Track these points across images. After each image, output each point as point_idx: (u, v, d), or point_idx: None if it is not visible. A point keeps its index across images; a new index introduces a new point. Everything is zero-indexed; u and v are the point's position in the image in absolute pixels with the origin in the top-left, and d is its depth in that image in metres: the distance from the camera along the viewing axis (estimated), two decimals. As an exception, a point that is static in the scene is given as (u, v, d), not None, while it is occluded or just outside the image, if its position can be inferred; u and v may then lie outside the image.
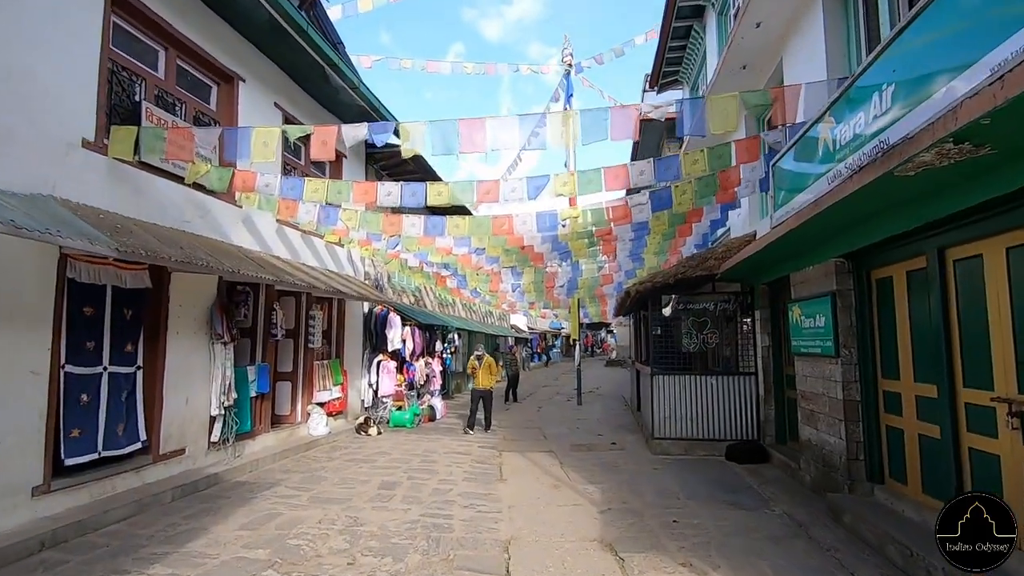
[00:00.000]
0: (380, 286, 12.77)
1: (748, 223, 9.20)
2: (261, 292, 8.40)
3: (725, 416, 8.70)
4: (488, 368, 11.00)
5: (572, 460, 8.59)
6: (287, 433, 8.90)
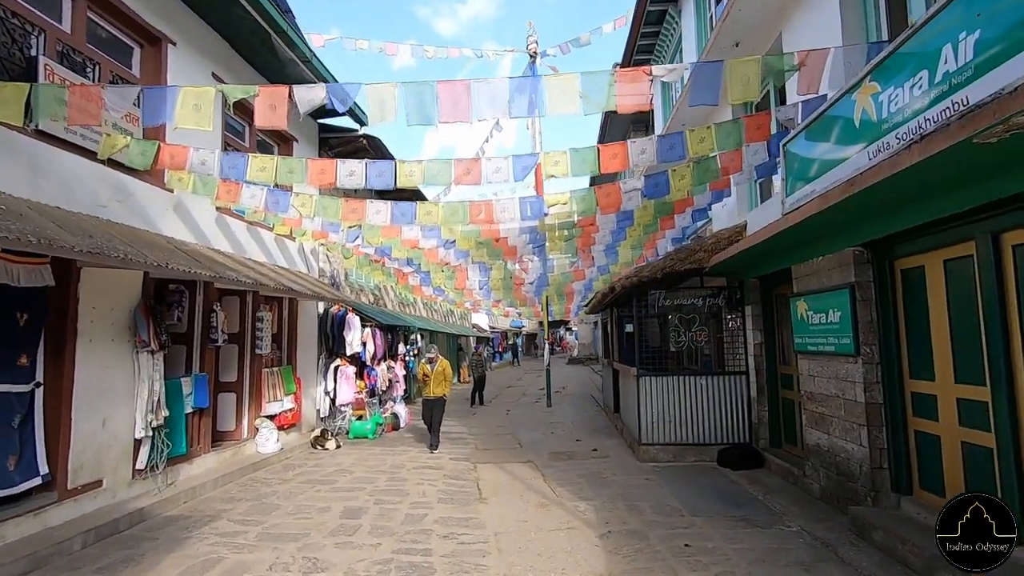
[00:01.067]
0: (337, 284, 11.68)
1: (736, 214, 8.71)
2: (199, 291, 7.26)
3: (715, 419, 8.18)
4: (442, 374, 9.51)
5: (555, 471, 7.86)
6: (231, 452, 7.78)
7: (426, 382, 9.55)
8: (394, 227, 7.72)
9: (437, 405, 9.52)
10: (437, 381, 9.45)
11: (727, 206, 9.14)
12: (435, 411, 9.48)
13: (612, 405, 11.97)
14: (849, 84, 4.27)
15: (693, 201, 7.92)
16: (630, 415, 9.20)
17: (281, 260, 9.63)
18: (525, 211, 6.29)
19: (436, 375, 9.44)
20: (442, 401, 9.59)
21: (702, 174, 6.22)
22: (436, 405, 9.51)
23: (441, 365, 9.55)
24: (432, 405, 9.51)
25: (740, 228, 8.19)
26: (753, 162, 6.19)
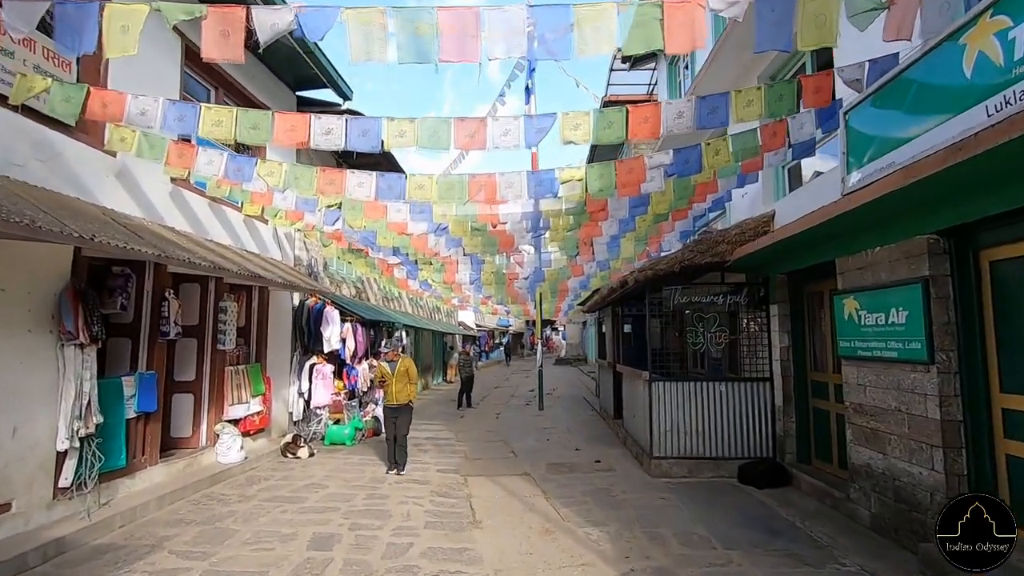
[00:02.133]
0: (314, 274, 10.64)
1: (759, 204, 7.88)
2: (148, 276, 6.21)
3: (734, 430, 7.33)
4: (405, 375, 7.57)
5: (555, 487, 6.96)
6: (185, 463, 6.73)
7: (385, 386, 7.59)
8: (379, 205, 6.74)
9: (402, 415, 7.57)
10: (399, 384, 7.53)
11: (748, 195, 8.31)
12: (400, 423, 7.55)
13: (612, 410, 11.11)
14: (956, 25, 3.42)
15: (717, 186, 7.06)
16: (638, 424, 8.34)
17: (251, 245, 8.58)
18: (535, 187, 5.35)
19: (398, 376, 7.53)
20: (408, 410, 7.64)
21: (741, 148, 5.35)
22: (401, 415, 7.56)
23: (404, 364, 7.61)
24: (395, 415, 7.57)
25: (767, 218, 7.36)
26: (798, 137, 5.34)
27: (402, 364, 7.63)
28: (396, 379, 7.52)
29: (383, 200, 5.55)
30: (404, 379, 7.59)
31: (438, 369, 23.19)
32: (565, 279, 13.42)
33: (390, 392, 7.57)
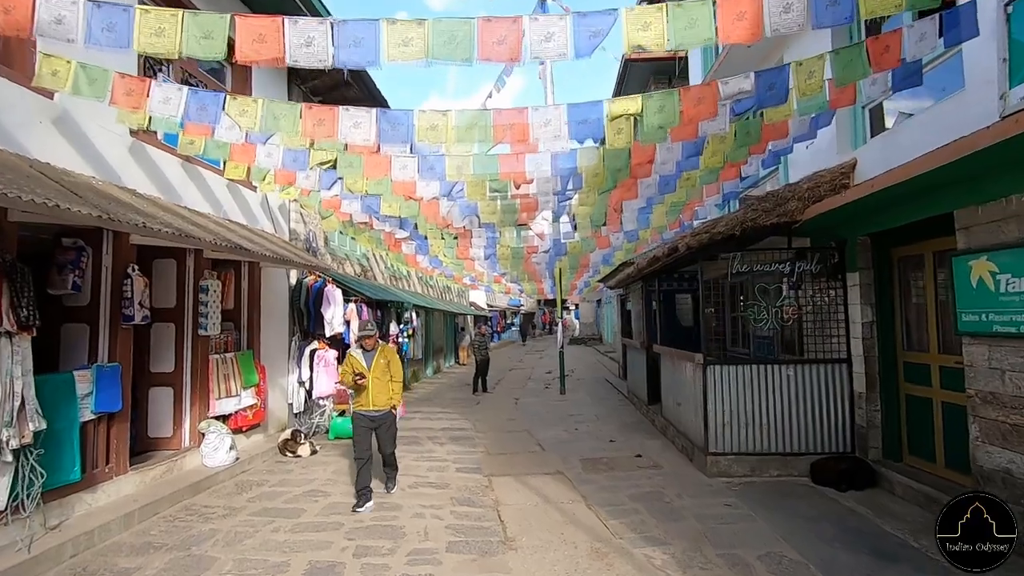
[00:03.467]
0: (313, 249, 9.56)
1: (833, 152, 6.64)
2: (106, 249, 5.14)
3: (803, 421, 6.23)
4: (386, 368, 5.64)
5: (596, 490, 5.93)
6: (163, 469, 5.74)
7: (359, 384, 5.48)
8: (381, 160, 5.60)
9: (384, 426, 5.64)
10: (379, 383, 5.55)
11: (813, 147, 7.06)
12: (383, 437, 5.66)
13: (645, 396, 10.03)
14: None
15: (788, 128, 5.84)
16: (684, 413, 7.26)
17: (237, 215, 7.49)
18: (576, 123, 4.17)
19: (377, 371, 5.53)
20: (391, 419, 5.71)
21: (844, 68, 4.14)
22: (382, 426, 5.63)
23: (385, 355, 5.65)
24: (374, 426, 5.59)
25: (845, 168, 6.15)
26: (915, 53, 4.12)
27: (382, 354, 5.63)
28: (374, 375, 5.52)
29: (386, 145, 4.42)
30: (385, 375, 5.61)
31: (450, 351, 22.23)
32: (589, 252, 12.25)
33: (366, 395, 5.51)
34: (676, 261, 7.19)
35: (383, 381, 5.62)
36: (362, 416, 5.60)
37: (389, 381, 5.68)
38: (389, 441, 5.76)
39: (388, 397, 5.66)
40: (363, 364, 5.53)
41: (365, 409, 5.57)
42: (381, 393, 5.60)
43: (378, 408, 5.59)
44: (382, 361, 5.63)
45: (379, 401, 5.58)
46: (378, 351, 5.66)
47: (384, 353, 5.69)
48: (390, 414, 5.72)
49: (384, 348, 5.76)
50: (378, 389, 5.57)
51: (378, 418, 5.63)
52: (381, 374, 5.61)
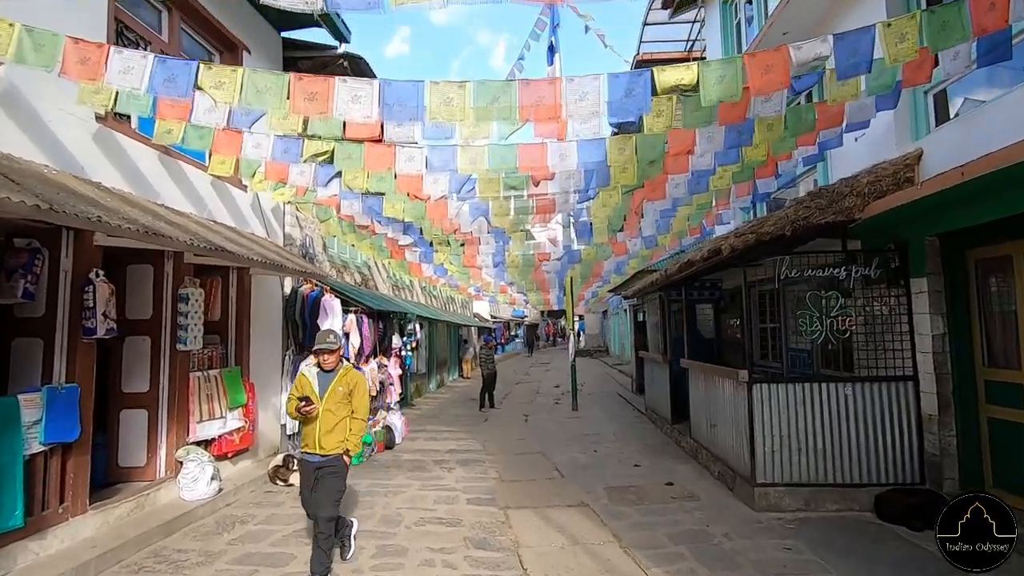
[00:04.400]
0: (310, 255, 8.85)
1: (891, 144, 5.93)
2: (65, 251, 4.42)
3: (863, 447, 5.47)
4: (347, 398, 4.15)
5: (629, 527, 5.18)
6: (131, 506, 4.98)
7: (308, 415, 4.00)
8: (385, 151, 4.91)
9: (328, 477, 4.07)
10: (331, 416, 4.05)
11: (863, 140, 6.37)
12: (323, 493, 4.04)
13: (669, 413, 9.26)
14: None
15: (843, 115, 5.15)
16: (721, 436, 6.49)
17: (225, 218, 6.79)
18: (618, 102, 3.47)
19: (332, 398, 4.05)
20: (340, 468, 4.11)
21: (934, 30, 3.44)
22: (326, 477, 4.07)
23: (347, 378, 4.15)
24: (317, 474, 4.08)
25: (908, 160, 5.44)
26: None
27: (344, 379, 4.11)
28: (327, 406, 4.01)
29: (391, 124, 3.73)
30: (343, 408, 4.09)
31: (454, 364, 21.47)
32: (604, 259, 11.54)
33: (312, 431, 4.04)
34: (712, 267, 6.45)
35: (338, 415, 4.05)
36: (304, 462, 4.18)
37: (347, 417, 4.13)
38: (328, 500, 3.99)
39: (341, 439, 4.08)
40: (314, 387, 4.04)
41: (308, 452, 4.10)
42: (332, 432, 4.03)
43: (324, 451, 4.03)
44: (341, 388, 4.08)
45: (328, 443, 4.02)
46: (339, 374, 4.11)
47: (347, 378, 4.13)
48: (339, 462, 4.08)
49: (348, 371, 4.19)
50: (329, 426, 4.02)
51: (324, 465, 4.05)
52: (337, 405, 4.04)
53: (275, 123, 4.20)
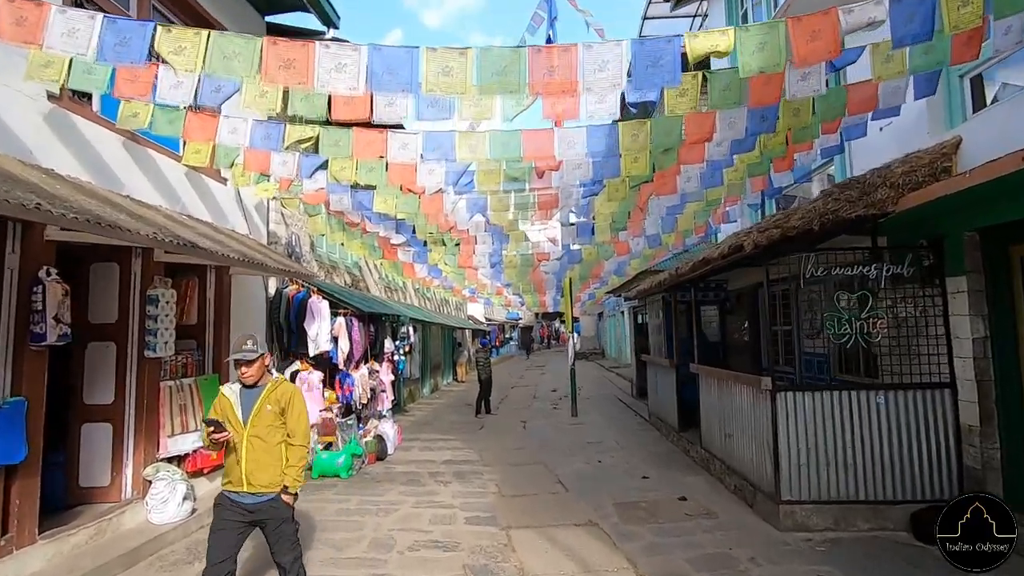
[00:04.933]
0: (296, 255, 8.33)
1: (923, 132, 5.52)
2: (11, 246, 3.90)
3: (898, 460, 5.04)
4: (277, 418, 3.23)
5: (643, 549, 4.73)
6: (90, 533, 4.45)
7: (216, 443, 3.13)
8: (375, 137, 4.43)
9: (270, 523, 3.22)
10: (261, 444, 3.18)
11: (890, 128, 5.96)
12: (271, 539, 3.27)
13: (676, 421, 8.81)
14: None
15: (875, 101, 4.72)
16: (743, 449, 6.03)
17: (203, 213, 6.27)
18: (642, 71, 3.01)
19: (261, 421, 3.19)
20: (280, 512, 3.21)
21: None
22: (267, 523, 3.22)
23: (279, 396, 3.27)
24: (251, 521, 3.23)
25: (945, 148, 5.02)
26: None
27: (273, 395, 3.25)
28: (253, 432, 3.16)
29: (381, 100, 3.25)
30: (275, 434, 3.22)
31: (447, 368, 20.95)
32: (605, 259, 11.09)
33: (235, 463, 3.18)
34: (729, 265, 5.99)
35: (269, 442, 3.18)
36: (229, 501, 3.18)
37: (282, 443, 3.24)
38: (285, 546, 3.24)
39: (277, 472, 3.20)
40: (235, 409, 3.19)
41: (234, 491, 3.17)
42: (264, 464, 3.16)
43: (257, 491, 3.14)
44: (270, 407, 3.21)
45: (259, 478, 3.14)
46: (266, 389, 3.24)
47: (276, 393, 3.26)
48: (278, 505, 3.18)
49: (278, 385, 3.32)
50: (259, 457, 3.14)
51: (257, 508, 3.16)
52: (268, 430, 3.18)
53: (250, 101, 3.71)
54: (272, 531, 3.24)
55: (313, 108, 3.69)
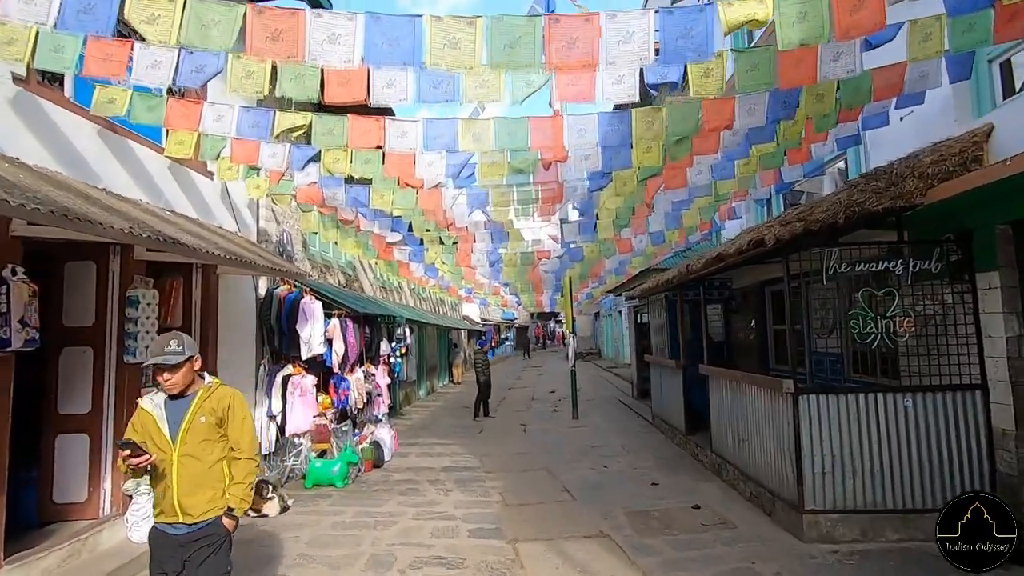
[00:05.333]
0: (288, 254, 7.98)
1: (950, 120, 5.26)
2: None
3: (927, 466, 4.76)
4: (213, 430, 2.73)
5: (661, 565, 4.45)
6: (63, 555, 4.10)
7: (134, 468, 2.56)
8: (371, 125, 4.11)
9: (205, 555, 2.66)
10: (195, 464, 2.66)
11: (909, 118, 5.70)
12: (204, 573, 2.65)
13: (683, 424, 8.52)
14: None
15: (902, 85, 4.45)
16: (760, 454, 5.75)
17: (187, 209, 5.92)
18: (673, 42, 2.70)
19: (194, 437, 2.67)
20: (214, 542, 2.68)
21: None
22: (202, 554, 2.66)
23: (213, 404, 2.73)
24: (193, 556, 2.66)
25: (976, 136, 4.76)
26: None
27: (205, 402, 2.73)
28: (183, 450, 2.66)
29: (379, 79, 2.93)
30: (215, 445, 2.74)
31: (444, 369, 20.62)
32: (607, 257, 10.81)
33: (166, 489, 2.68)
34: (744, 261, 5.70)
35: (205, 461, 2.67)
36: (163, 537, 2.71)
37: (223, 460, 2.74)
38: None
39: (218, 495, 2.70)
40: (160, 425, 2.67)
41: (168, 522, 2.68)
42: (201, 488, 2.65)
43: (192, 520, 2.64)
44: (205, 419, 2.68)
45: (194, 504, 2.64)
46: (197, 397, 2.71)
47: (210, 401, 2.73)
48: (216, 531, 2.68)
49: (213, 390, 2.78)
50: (194, 479, 2.65)
51: (190, 539, 2.65)
52: (202, 446, 2.67)
53: (235, 83, 3.38)
54: (195, 566, 2.59)
55: (304, 90, 3.36)
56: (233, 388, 2.95)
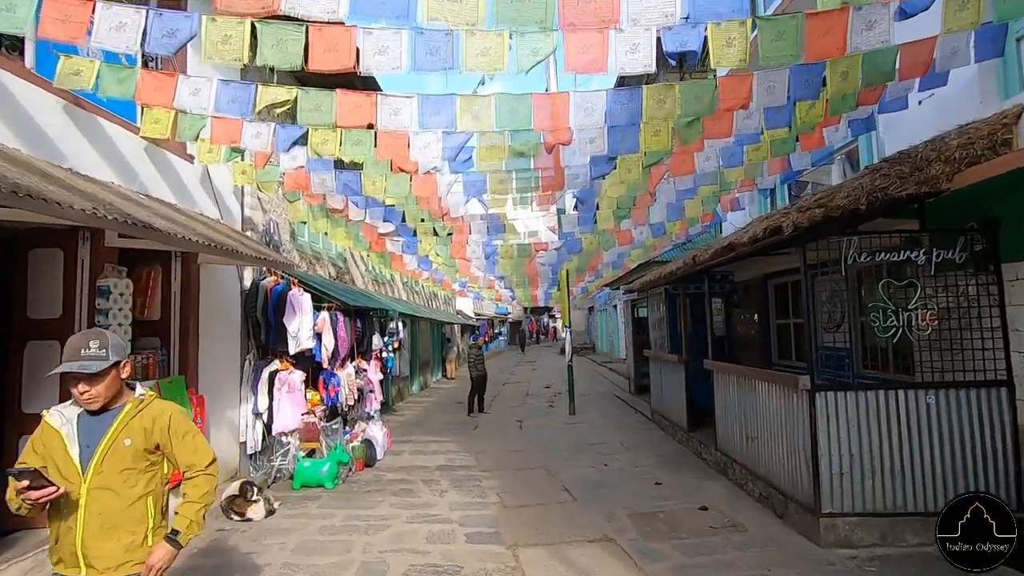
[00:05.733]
0: (275, 243, 7.62)
1: (975, 102, 5.00)
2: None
3: (951, 467, 4.52)
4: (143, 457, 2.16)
5: (672, 572, 4.19)
6: (25, 567, 3.78)
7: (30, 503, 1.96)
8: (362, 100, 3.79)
9: None
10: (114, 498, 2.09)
11: (928, 101, 5.44)
12: None
13: (685, 421, 8.27)
14: None
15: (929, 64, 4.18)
16: (772, 454, 5.49)
17: (165, 193, 5.56)
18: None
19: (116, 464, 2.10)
20: None
21: None
22: None
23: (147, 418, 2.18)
24: None
25: (1005, 118, 4.49)
26: None
27: (137, 419, 2.17)
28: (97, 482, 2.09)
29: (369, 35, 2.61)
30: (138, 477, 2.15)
31: (437, 364, 20.31)
32: (605, 249, 10.52)
33: (68, 533, 2.07)
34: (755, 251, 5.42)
35: (126, 496, 2.12)
36: None
37: (148, 496, 2.18)
38: None
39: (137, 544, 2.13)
40: (68, 445, 2.14)
41: (64, 574, 2.13)
42: (116, 531, 2.10)
43: (99, 572, 2.08)
44: (130, 442, 2.14)
45: (103, 554, 2.08)
46: (123, 414, 2.17)
47: (142, 419, 2.19)
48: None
49: (144, 406, 2.23)
50: (106, 519, 2.09)
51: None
52: (123, 477, 2.12)
53: (211, 50, 3.04)
54: None
55: (287, 56, 3.03)
56: (169, 401, 2.36)
